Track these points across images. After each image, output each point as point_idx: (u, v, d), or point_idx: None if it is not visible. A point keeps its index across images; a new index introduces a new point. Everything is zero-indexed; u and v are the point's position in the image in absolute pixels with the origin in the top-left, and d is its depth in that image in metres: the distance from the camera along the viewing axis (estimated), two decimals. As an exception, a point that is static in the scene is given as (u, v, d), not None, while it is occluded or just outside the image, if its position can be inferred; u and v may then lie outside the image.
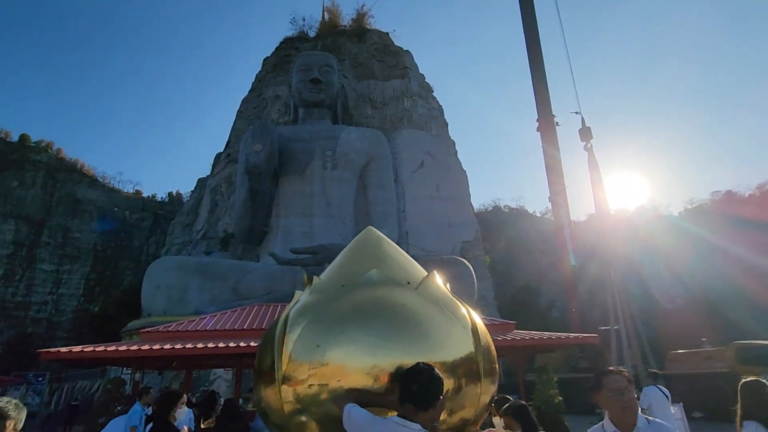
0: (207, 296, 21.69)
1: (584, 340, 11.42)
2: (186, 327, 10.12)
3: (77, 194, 59.32)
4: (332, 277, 2.70)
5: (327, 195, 28.81)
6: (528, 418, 3.38)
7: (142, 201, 67.43)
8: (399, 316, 2.31)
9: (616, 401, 2.31)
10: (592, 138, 16.36)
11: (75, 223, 58.06)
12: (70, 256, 56.45)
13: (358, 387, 2.12)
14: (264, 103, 38.46)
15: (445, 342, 2.31)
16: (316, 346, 2.25)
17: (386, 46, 40.42)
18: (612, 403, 2.33)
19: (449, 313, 2.45)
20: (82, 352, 8.84)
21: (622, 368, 2.52)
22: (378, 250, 2.81)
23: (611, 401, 2.33)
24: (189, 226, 39.61)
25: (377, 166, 31.28)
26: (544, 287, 52.00)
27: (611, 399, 2.33)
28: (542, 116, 20.48)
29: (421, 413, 1.94)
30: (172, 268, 23.18)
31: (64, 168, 60.92)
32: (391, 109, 36.24)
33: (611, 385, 2.34)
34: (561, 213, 19.87)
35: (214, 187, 37.99)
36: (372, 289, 2.44)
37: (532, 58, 21.15)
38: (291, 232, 27.70)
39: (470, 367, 2.32)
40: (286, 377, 2.28)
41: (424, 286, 2.56)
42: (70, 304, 55.13)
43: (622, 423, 2.31)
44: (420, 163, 33.70)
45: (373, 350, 2.17)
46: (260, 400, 2.53)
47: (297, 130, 30.80)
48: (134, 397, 8.45)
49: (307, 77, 31.26)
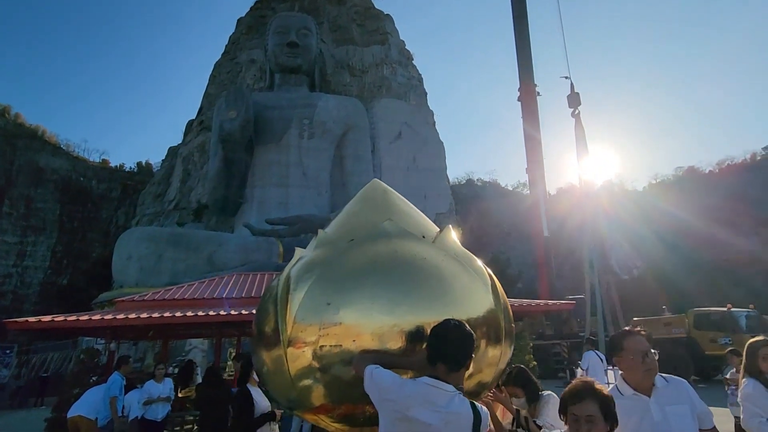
0: (181, 267, 21.20)
1: (562, 306, 11.71)
2: (163, 296, 9.79)
3: (39, 162, 56.51)
4: (339, 231, 2.45)
5: (303, 165, 28.24)
6: (529, 381, 3.28)
7: (110, 170, 64.81)
8: (419, 270, 2.10)
9: (638, 363, 2.21)
10: (581, 104, 16.28)
11: (38, 193, 55.50)
12: (35, 227, 54.21)
13: (376, 348, 1.92)
14: (238, 68, 36.99)
15: (467, 299, 2.12)
16: (327, 304, 2.03)
17: (367, 9, 39.18)
18: (633, 365, 2.23)
19: (469, 268, 2.27)
20: (53, 322, 8.43)
21: (640, 329, 2.41)
22: (387, 202, 2.58)
23: (633, 363, 2.23)
24: (160, 196, 38.39)
25: (355, 136, 30.75)
26: (512, 260, 53.15)
27: (633, 361, 2.22)
28: (524, 85, 20.31)
29: (453, 373, 1.77)
30: (144, 238, 22.49)
31: (24, 134, 57.73)
32: (370, 77, 35.44)
33: (634, 347, 2.23)
34: (537, 184, 20.01)
35: (186, 156, 36.72)
36: (387, 242, 2.22)
37: (518, 25, 20.83)
38: (266, 202, 27.17)
39: (493, 326, 2.15)
40: (292, 340, 2.06)
41: (441, 239, 2.36)
42: (37, 276, 53.29)
43: (642, 385, 2.23)
44: (398, 133, 33.27)
45: (392, 307, 1.96)
46: (262, 366, 2.32)
47: (273, 97, 29.83)
48: (111, 367, 8.17)
49: (283, 40, 30.09)
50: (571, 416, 1.78)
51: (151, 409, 7.37)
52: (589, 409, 1.75)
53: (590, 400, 1.77)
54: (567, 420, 1.81)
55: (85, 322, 8.39)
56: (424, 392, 1.73)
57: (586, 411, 1.75)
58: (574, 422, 1.76)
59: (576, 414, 1.76)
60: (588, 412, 1.74)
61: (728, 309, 16.51)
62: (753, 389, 3.07)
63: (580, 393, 1.80)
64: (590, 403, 1.76)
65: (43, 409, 17.68)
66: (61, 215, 56.32)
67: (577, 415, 1.76)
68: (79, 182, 59.54)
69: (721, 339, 15.62)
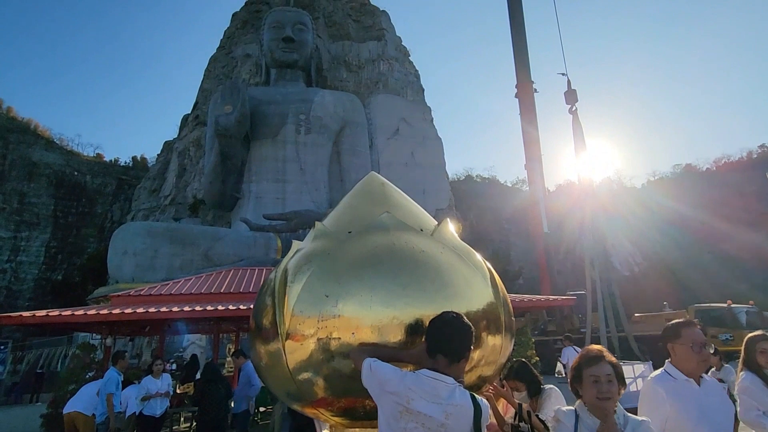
0: (177, 262, 21.11)
1: (562, 302, 11.78)
2: (159, 291, 9.73)
3: (32, 157, 56.05)
4: (337, 223, 2.44)
5: (300, 160, 28.16)
6: (531, 375, 3.28)
7: (104, 165, 64.40)
8: (418, 262, 2.08)
9: (694, 353, 2.38)
10: (578, 101, 16.28)
11: (32, 187, 55.09)
12: (29, 222, 53.84)
13: (375, 340, 1.91)
14: (233, 63, 36.78)
15: (466, 291, 2.11)
16: (325, 296, 2.01)
17: (362, 5, 39.01)
18: (689, 354, 2.40)
19: (468, 261, 2.26)
20: (48, 317, 8.38)
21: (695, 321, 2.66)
22: (385, 194, 2.57)
23: (689, 352, 2.40)
24: (156, 191, 38.21)
25: (352, 131, 30.68)
26: (512, 256, 53.32)
27: (690, 350, 2.40)
28: (521, 82, 20.29)
29: (453, 365, 1.77)
30: (140, 233, 22.36)
31: (16, 128, 57.19)
32: (367, 73, 35.32)
33: (693, 338, 2.41)
34: (536, 181, 20.03)
35: (181, 151, 36.55)
36: (385, 234, 2.21)
37: (514, 22, 20.79)
38: (263, 197, 27.10)
39: (492, 319, 2.15)
40: (291, 333, 2.05)
41: (439, 232, 2.35)
42: (31, 272, 53.01)
43: (694, 374, 2.42)
44: (395, 129, 33.21)
45: (391, 299, 1.94)
46: (260, 360, 2.30)
47: (269, 92, 29.69)
48: (107, 363, 8.14)
49: (279, 35, 29.93)
50: (590, 378, 1.95)
51: (150, 405, 7.34)
52: (608, 369, 1.94)
53: (606, 362, 1.97)
54: (582, 385, 1.98)
55: (81, 317, 8.35)
56: (425, 384, 1.72)
57: (606, 371, 1.94)
58: (594, 383, 1.93)
59: (596, 374, 1.94)
60: (607, 371, 1.94)
61: (728, 305, 16.63)
62: (750, 383, 3.12)
63: (597, 356, 1.99)
64: (607, 365, 1.96)
65: (39, 405, 17.63)
66: (56, 210, 55.96)
67: (597, 375, 1.94)
68: (74, 177, 59.13)
69: (722, 335, 15.76)
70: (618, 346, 16.02)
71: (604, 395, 1.90)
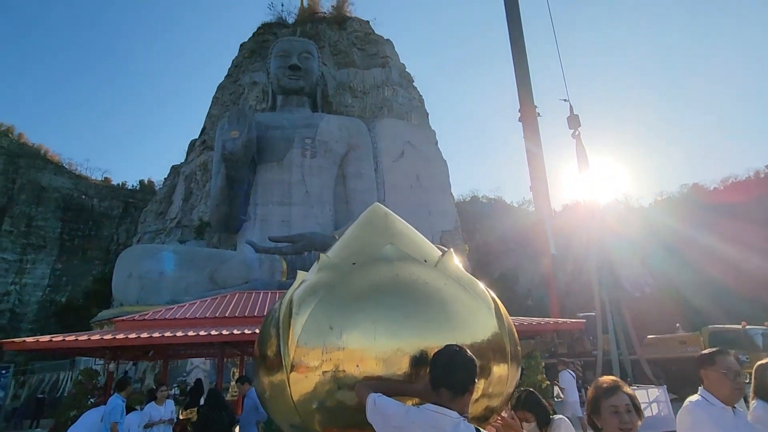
0: (182, 285, 21.09)
1: (572, 326, 11.66)
2: (164, 315, 9.71)
3: (41, 181, 56.84)
4: (341, 254, 2.46)
5: (306, 183, 28.37)
6: (540, 405, 3.24)
7: (112, 188, 65.13)
8: (421, 294, 2.10)
9: (729, 381, 2.40)
10: (580, 126, 16.42)
11: (39, 211, 55.71)
12: (35, 245, 54.22)
13: (380, 372, 1.91)
14: (241, 90, 37.48)
15: (471, 322, 2.12)
16: (330, 328, 2.03)
17: (367, 34, 39.86)
18: (724, 381, 2.41)
19: (472, 291, 2.27)
20: (51, 342, 8.36)
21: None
22: (388, 225, 2.60)
23: (723, 379, 2.41)
24: (162, 214, 38.47)
25: (357, 155, 30.96)
26: (521, 277, 52.85)
27: (724, 377, 2.40)
28: (524, 106, 20.53)
29: (457, 399, 1.76)
30: (145, 256, 22.44)
31: (26, 154, 58.20)
32: (372, 98, 35.85)
33: (728, 365, 2.43)
34: (542, 203, 20.03)
35: (188, 175, 36.94)
36: (389, 265, 2.23)
37: (515, 48, 21.16)
38: (269, 220, 27.22)
39: (497, 350, 2.15)
40: (295, 364, 2.06)
41: (443, 263, 2.37)
42: (36, 294, 53.09)
43: (728, 401, 2.42)
44: (400, 152, 33.47)
45: (395, 331, 1.96)
46: (264, 391, 2.30)
47: (275, 117, 30.14)
48: (110, 389, 8.06)
49: (285, 63, 30.56)
50: (609, 408, 1.91)
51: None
52: (626, 399, 1.91)
53: (623, 392, 1.94)
54: (601, 417, 1.93)
55: (84, 342, 8.32)
56: (429, 419, 1.72)
57: (624, 400, 1.91)
58: (614, 414, 1.90)
59: (615, 404, 1.90)
60: (626, 401, 1.91)
61: (743, 326, 16.29)
62: (764, 411, 3.03)
63: (614, 387, 1.96)
64: (624, 395, 1.93)
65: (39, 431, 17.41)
66: (62, 233, 56.42)
67: (616, 405, 1.90)
68: (81, 200, 59.79)
69: (739, 357, 15.35)
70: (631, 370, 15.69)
71: (626, 425, 1.87)
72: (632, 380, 15.26)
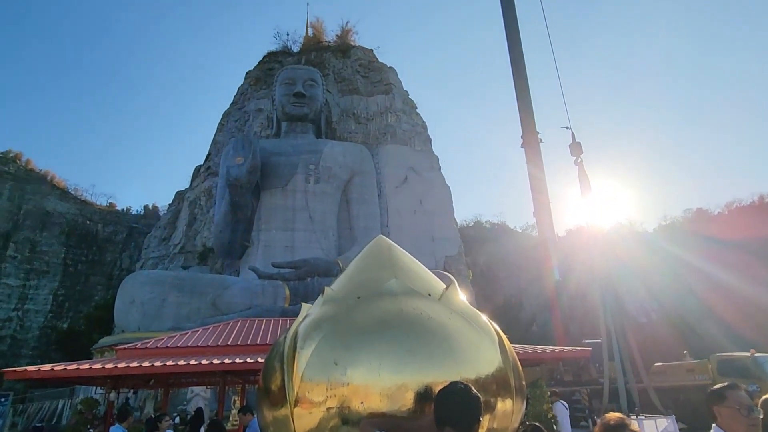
0: (185, 311, 20.99)
1: (577, 354, 11.47)
2: (165, 343, 9.64)
3: (46, 207, 57.31)
4: (346, 288, 2.49)
5: (309, 209, 28.51)
6: None
7: (116, 214, 65.53)
8: (426, 329, 2.12)
9: (742, 417, 2.30)
10: (582, 153, 16.47)
11: (44, 236, 55.97)
12: (38, 270, 54.25)
13: (385, 408, 1.91)
14: (246, 117, 38.11)
15: (475, 357, 2.13)
16: (334, 363, 2.04)
17: (370, 62, 40.72)
18: (738, 417, 2.32)
19: (476, 325, 2.28)
20: (53, 371, 8.29)
21: None
22: (392, 258, 2.62)
23: (736, 416, 2.32)
24: (166, 239, 38.59)
25: (360, 180, 31.22)
26: (524, 302, 52.35)
27: (737, 413, 2.32)
28: (526, 132, 20.72)
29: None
30: (147, 282, 22.41)
31: (33, 179, 58.84)
32: (375, 125, 36.35)
33: (740, 400, 2.34)
34: (545, 229, 19.98)
35: (192, 200, 37.21)
36: (393, 300, 2.25)
37: (516, 75, 21.51)
38: (272, 246, 27.25)
39: (502, 384, 2.14)
40: (299, 399, 2.06)
41: (447, 297, 2.39)
42: (37, 320, 52.81)
43: None
44: (403, 178, 33.72)
45: (399, 367, 1.96)
46: (267, 425, 2.29)
47: (279, 144, 30.55)
48: (110, 419, 7.96)
49: (290, 91, 31.17)
50: None
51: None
52: None
53: (630, 429, 1.94)
54: None
55: (86, 371, 8.25)
56: None
57: None
58: None
59: None
60: None
61: (752, 354, 15.97)
62: None
63: (621, 424, 1.96)
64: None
65: (36, 462, 17.06)
66: (66, 258, 56.49)
67: None
68: (85, 226, 60.08)
69: (749, 386, 15.00)
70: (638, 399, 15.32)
71: None
72: (640, 410, 14.90)
